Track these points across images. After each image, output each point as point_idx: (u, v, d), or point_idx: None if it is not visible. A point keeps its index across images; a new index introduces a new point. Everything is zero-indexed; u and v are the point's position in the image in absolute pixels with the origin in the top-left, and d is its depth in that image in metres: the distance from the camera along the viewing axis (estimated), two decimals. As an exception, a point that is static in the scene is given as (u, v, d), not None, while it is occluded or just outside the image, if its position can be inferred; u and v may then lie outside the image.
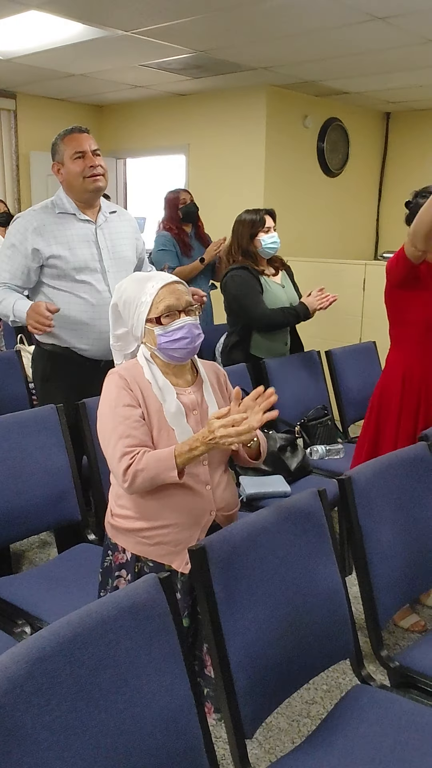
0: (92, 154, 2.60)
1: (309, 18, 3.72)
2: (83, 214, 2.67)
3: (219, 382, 1.95)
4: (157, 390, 1.80)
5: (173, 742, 1.27)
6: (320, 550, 1.72)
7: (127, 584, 1.83)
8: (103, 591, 1.93)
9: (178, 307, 1.79)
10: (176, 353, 1.80)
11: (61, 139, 2.62)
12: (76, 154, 2.59)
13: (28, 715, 1.09)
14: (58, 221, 2.63)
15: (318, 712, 2.28)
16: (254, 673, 1.49)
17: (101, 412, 1.81)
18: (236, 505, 1.93)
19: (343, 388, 3.69)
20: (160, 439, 1.77)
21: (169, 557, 1.80)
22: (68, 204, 2.65)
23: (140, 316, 1.81)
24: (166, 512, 1.78)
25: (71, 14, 3.76)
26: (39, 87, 5.82)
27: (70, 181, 2.62)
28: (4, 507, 2.25)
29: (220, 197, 5.60)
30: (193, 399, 1.85)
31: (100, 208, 2.72)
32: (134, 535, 1.82)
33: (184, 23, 3.85)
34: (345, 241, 6.55)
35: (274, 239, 3.34)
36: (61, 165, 2.63)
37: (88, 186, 2.61)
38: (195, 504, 1.79)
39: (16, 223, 2.67)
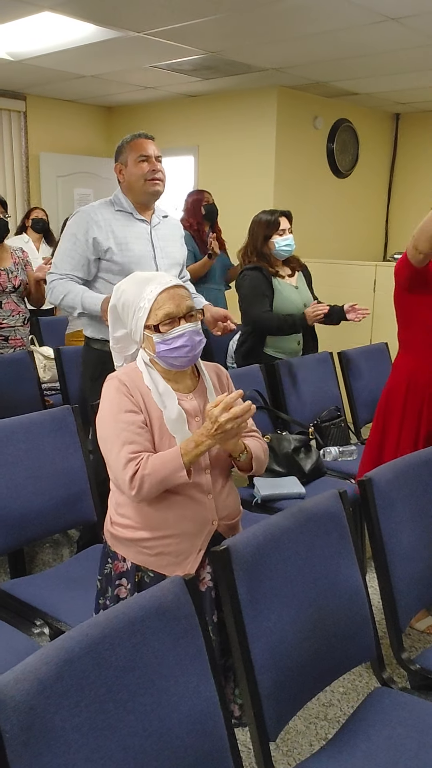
0: (155, 160, 2.70)
1: (322, 19, 3.71)
2: (139, 214, 2.76)
3: (221, 383, 1.89)
4: (158, 396, 1.74)
5: (200, 744, 1.27)
6: (342, 552, 1.72)
7: (128, 593, 1.79)
8: (102, 598, 1.87)
9: (177, 314, 1.71)
10: (176, 361, 1.74)
11: (128, 143, 2.73)
12: (141, 158, 2.68)
13: (58, 716, 1.09)
14: (117, 217, 2.72)
15: (335, 715, 2.27)
16: (278, 675, 1.48)
17: (102, 418, 1.74)
18: (239, 513, 1.87)
19: (355, 390, 3.68)
20: (162, 446, 1.72)
21: (170, 568, 1.74)
22: (126, 203, 2.75)
23: (138, 321, 1.74)
24: (168, 522, 1.73)
25: (85, 15, 3.76)
26: (49, 88, 5.83)
27: (132, 183, 2.71)
28: (22, 508, 2.25)
29: (229, 198, 5.59)
30: (195, 405, 1.79)
31: (154, 211, 2.82)
32: (135, 545, 1.76)
33: (196, 24, 3.85)
34: (354, 242, 6.54)
35: (288, 242, 3.34)
36: (123, 167, 2.73)
37: (149, 188, 2.70)
38: (197, 513, 1.74)
39: (76, 216, 2.75)
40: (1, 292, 3.48)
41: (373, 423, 2.80)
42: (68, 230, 2.75)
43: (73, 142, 6.51)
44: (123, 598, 1.80)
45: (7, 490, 2.23)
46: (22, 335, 3.60)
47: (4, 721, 1.03)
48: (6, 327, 3.52)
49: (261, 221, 3.35)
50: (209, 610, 1.77)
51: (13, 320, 3.55)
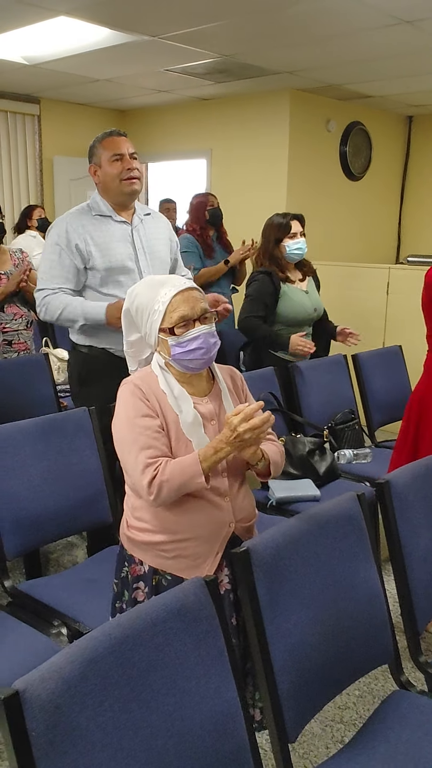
0: (129, 158, 2.63)
1: (335, 22, 3.72)
2: (119, 215, 2.69)
3: (236, 386, 1.88)
4: (173, 400, 1.73)
5: (221, 745, 1.28)
6: (360, 554, 1.72)
7: (145, 596, 1.79)
8: (119, 602, 1.87)
9: (192, 316, 1.70)
10: (191, 363, 1.73)
11: (100, 142, 2.65)
12: (114, 157, 2.61)
13: (83, 715, 1.10)
14: (95, 223, 2.64)
15: (351, 718, 2.27)
16: (297, 676, 1.48)
17: (118, 423, 1.74)
18: (254, 515, 1.87)
19: (369, 392, 3.68)
20: (179, 450, 1.71)
21: (188, 571, 1.73)
22: (104, 206, 2.67)
23: (153, 324, 1.73)
24: (185, 525, 1.72)
25: (100, 20, 3.79)
26: (63, 92, 5.86)
27: (107, 183, 2.64)
28: (39, 509, 2.26)
29: (242, 202, 5.61)
30: (210, 408, 1.78)
31: (134, 211, 2.74)
32: (152, 549, 1.76)
33: (210, 28, 3.86)
34: (367, 245, 6.54)
35: (299, 245, 3.34)
36: (98, 167, 2.65)
37: (125, 188, 2.63)
38: (215, 516, 1.74)
39: (54, 227, 2.68)
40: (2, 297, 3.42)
41: (403, 425, 2.77)
42: (50, 242, 2.64)
43: (86, 146, 6.45)
44: (140, 602, 1.79)
45: (24, 491, 2.25)
46: (25, 339, 3.55)
47: (31, 719, 1.04)
48: (9, 331, 3.47)
49: (273, 224, 3.35)
50: (228, 613, 1.76)
51: (16, 324, 3.50)
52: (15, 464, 2.25)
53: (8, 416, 2.74)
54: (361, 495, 1.79)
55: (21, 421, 2.36)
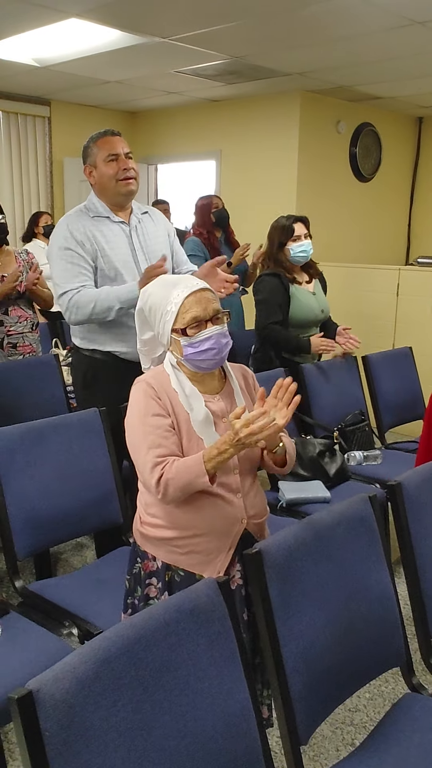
0: (125, 157, 2.60)
1: (347, 24, 3.72)
2: (116, 216, 2.66)
3: (247, 385, 1.90)
4: (184, 398, 1.75)
5: (233, 746, 1.27)
6: (372, 556, 1.71)
7: (157, 592, 1.80)
8: (131, 598, 1.89)
9: (205, 317, 1.72)
10: (203, 363, 1.75)
11: (94, 142, 2.62)
12: (110, 157, 2.58)
13: (97, 715, 1.10)
14: (94, 224, 2.62)
15: (361, 720, 2.27)
16: (309, 678, 1.48)
17: (130, 421, 1.76)
18: (266, 512, 1.88)
19: (380, 394, 3.67)
20: (190, 448, 1.73)
21: (200, 566, 1.75)
22: (101, 207, 2.64)
23: (166, 325, 1.75)
24: (198, 521, 1.74)
25: (111, 22, 3.80)
26: (73, 94, 5.88)
27: (103, 184, 2.61)
28: (50, 509, 2.27)
29: (251, 203, 5.61)
30: (222, 406, 1.79)
31: (131, 210, 2.71)
32: (165, 544, 1.77)
33: (221, 29, 3.87)
34: (377, 246, 6.53)
35: (303, 248, 3.33)
36: (93, 168, 2.62)
37: (121, 189, 2.60)
38: (227, 512, 1.75)
39: (57, 231, 2.63)
40: (7, 299, 3.40)
41: (425, 426, 2.73)
42: (56, 246, 2.59)
43: None
44: (153, 597, 1.82)
45: (34, 492, 2.26)
46: (31, 341, 3.52)
47: (45, 719, 1.04)
48: (14, 334, 3.44)
49: (277, 228, 3.35)
50: (239, 608, 1.78)
51: (21, 326, 3.47)
52: (26, 465, 2.26)
53: (19, 417, 2.75)
54: (373, 497, 1.79)
55: (32, 422, 2.37)
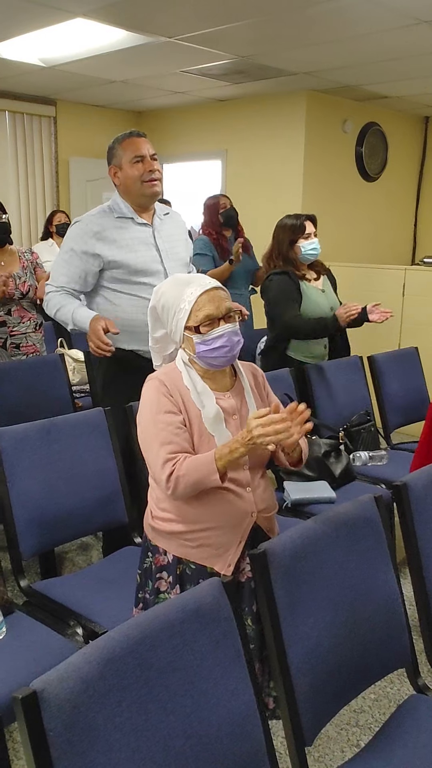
0: (150, 159, 2.61)
1: (353, 23, 3.71)
2: (140, 217, 2.68)
3: (257, 383, 1.93)
4: (196, 395, 1.78)
5: (238, 747, 1.27)
6: (377, 557, 1.71)
7: (168, 585, 1.83)
8: (141, 592, 1.92)
9: (217, 315, 1.75)
10: (215, 361, 1.78)
11: (119, 143, 2.63)
12: (135, 159, 2.60)
13: (101, 715, 1.09)
14: (118, 225, 2.64)
15: (367, 721, 2.26)
16: (315, 679, 1.47)
17: (142, 418, 1.79)
18: (275, 506, 1.92)
19: (385, 394, 3.66)
20: (201, 445, 1.76)
21: (211, 560, 1.79)
22: (125, 208, 2.66)
23: (179, 323, 1.78)
24: (209, 515, 1.77)
25: (117, 21, 3.79)
26: (79, 94, 5.88)
27: (128, 185, 2.63)
28: (56, 509, 2.27)
29: (257, 203, 5.60)
30: (232, 404, 1.82)
31: (154, 212, 2.73)
32: (176, 538, 1.81)
33: (226, 29, 3.86)
34: (383, 246, 6.51)
35: (314, 245, 3.32)
36: (118, 169, 2.64)
37: (146, 190, 2.62)
38: (237, 506, 1.78)
39: (74, 227, 2.66)
40: (10, 300, 3.40)
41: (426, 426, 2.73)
42: (67, 243, 2.65)
43: (102, 147, 6.47)
44: (163, 591, 1.84)
45: (39, 491, 2.26)
46: (34, 341, 3.52)
47: (49, 719, 1.04)
48: (17, 334, 3.44)
49: (286, 225, 3.33)
50: (248, 601, 1.82)
51: (24, 327, 3.47)
52: (31, 464, 2.26)
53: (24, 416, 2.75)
54: (379, 497, 1.78)
55: (37, 422, 2.37)
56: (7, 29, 4.02)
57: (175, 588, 1.81)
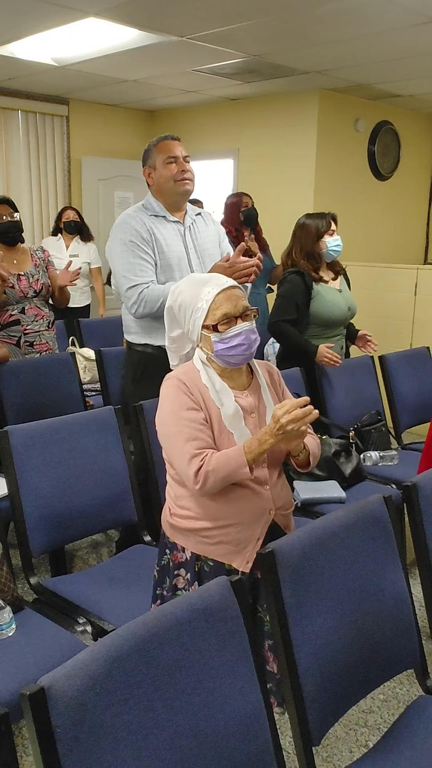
0: (183, 160, 2.72)
1: (366, 21, 3.70)
2: (172, 216, 2.77)
3: (273, 381, 1.95)
4: (215, 394, 1.80)
5: (245, 746, 1.27)
6: (387, 557, 1.70)
7: (186, 583, 1.85)
8: (159, 589, 1.95)
9: (235, 313, 1.78)
10: (233, 359, 1.80)
11: (155, 145, 2.75)
12: (169, 159, 2.70)
13: (108, 713, 1.10)
14: (152, 221, 2.73)
15: (375, 722, 2.25)
16: (322, 678, 1.47)
17: (163, 417, 1.81)
18: (292, 504, 1.95)
19: (397, 394, 3.65)
20: (221, 442, 1.78)
21: (229, 556, 1.81)
22: (158, 207, 2.76)
23: (196, 322, 1.80)
24: (228, 512, 1.79)
25: (129, 21, 3.80)
26: (91, 93, 5.90)
27: (161, 185, 2.72)
28: (66, 507, 2.28)
29: (269, 201, 5.59)
30: (250, 402, 1.85)
31: (186, 211, 2.82)
32: (195, 535, 1.82)
33: (239, 28, 3.86)
34: (395, 245, 6.48)
35: (338, 242, 3.34)
36: (152, 170, 2.75)
37: (178, 189, 2.71)
38: (256, 503, 1.80)
39: (119, 226, 2.71)
40: (23, 298, 3.41)
41: None
42: (119, 241, 2.67)
43: (114, 146, 6.58)
44: (180, 588, 1.86)
45: (50, 489, 2.27)
46: (47, 339, 3.53)
47: (56, 716, 1.04)
48: (30, 332, 3.44)
49: (312, 223, 3.32)
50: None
51: (37, 325, 3.47)
52: (41, 462, 2.27)
53: (35, 414, 2.77)
54: (388, 497, 1.77)
55: (48, 420, 2.39)
56: (20, 29, 4.03)
57: (193, 585, 1.84)
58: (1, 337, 3.39)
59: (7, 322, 3.39)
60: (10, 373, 3.27)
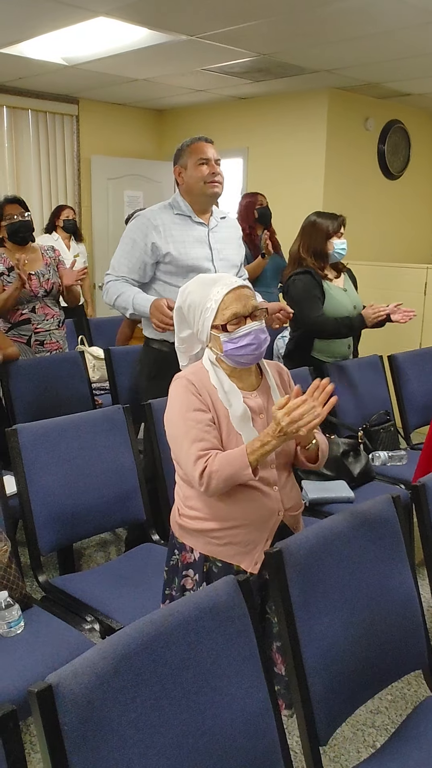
0: (215, 163, 2.74)
1: (376, 20, 3.68)
2: (197, 217, 2.79)
3: (283, 381, 1.94)
4: (223, 394, 1.79)
5: (253, 745, 1.27)
6: (394, 557, 1.70)
7: (194, 583, 1.84)
8: (168, 589, 1.94)
9: (244, 313, 1.77)
10: (243, 359, 1.79)
11: (188, 146, 2.77)
12: (200, 161, 2.72)
13: (115, 711, 1.10)
14: (176, 221, 2.76)
15: (383, 722, 2.25)
16: (329, 679, 1.47)
17: (171, 416, 1.80)
18: (301, 505, 1.93)
19: (406, 394, 3.64)
20: (229, 443, 1.77)
21: (238, 557, 1.80)
22: (184, 206, 2.78)
23: (205, 322, 1.79)
24: (236, 513, 1.78)
25: (138, 20, 3.80)
26: (101, 92, 5.91)
27: (191, 185, 2.75)
28: (74, 505, 2.29)
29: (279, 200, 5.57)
30: (259, 403, 1.83)
31: (212, 213, 2.84)
32: (203, 536, 1.82)
33: (248, 27, 3.85)
34: (405, 245, 6.46)
35: (344, 246, 3.33)
36: (183, 170, 2.77)
37: (207, 190, 2.73)
38: (264, 504, 1.79)
39: (136, 220, 2.79)
40: (34, 297, 3.42)
41: None
42: (128, 234, 2.79)
43: (123, 145, 6.59)
44: (189, 589, 1.85)
45: (59, 488, 2.28)
46: (57, 338, 3.54)
47: (64, 713, 1.05)
48: (41, 331, 3.45)
49: (323, 222, 3.31)
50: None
51: (48, 324, 3.48)
52: (50, 461, 2.28)
53: (44, 413, 2.78)
54: (397, 497, 1.77)
55: (56, 418, 2.40)
56: (30, 28, 4.05)
57: (201, 585, 1.82)
58: (12, 335, 3.40)
59: (18, 321, 3.41)
60: (20, 372, 3.28)
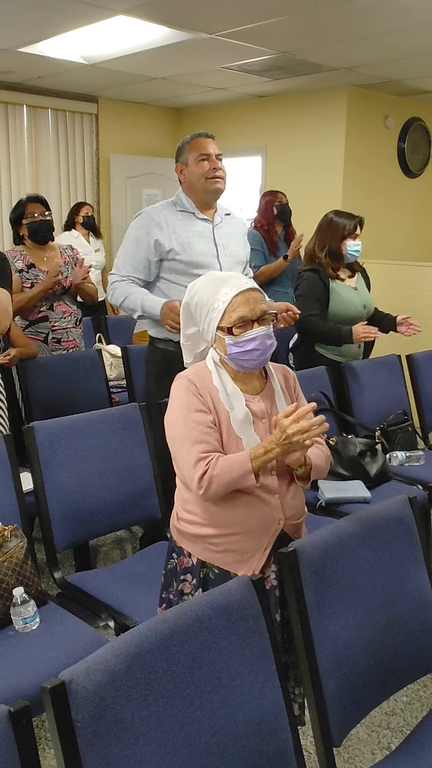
0: (215, 158, 2.72)
1: (395, 17, 3.66)
2: (201, 213, 2.77)
3: (288, 385, 1.89)
4: (225, 397, 1.74)
5: (265, 745, 1.27)
6: (410, 558, 1.69)
7: (192, 588, 1.81)
8: (166, 592, 1.90)
9: (251, 317, 1.72)
10: (246, 363, 1.75)
11: (188, 143, 2.76)
12: (201, 156, 2.71)
13: (128, 709, 1.10)
14: (179, 218, 2.74)
15: (398, 724, 2.23)
16: (344, 680, 1.46)
17: (171, 417, 1.77)
18: (304, 513, 1.87)
19: (424, 394, 3.61)
20: (230, 446, 1.73)
21: (235, 565, 1.75)
22: (188, 203, 2.77)
23: (212, 322, 1.75)
24: (235, 520, 1.73)
25: (158, 18, 3.81)
26: (120, 91, 5.93)
27: (193, 182, 2.73)
28: (90, 502, 2.29)
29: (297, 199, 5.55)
30: (262, 407, 1.78)
31: (216, 209, 2.83)
32: (201, 541, 1.78)
33: (268, 24, 3.84)
34: (423, 243, 6.41)
35: (358, 247, 3.31)
36: (184, 166, 2.76)
37: (209, 187, 2.71)
38: (264, 512, 1.74)
39: (139, 218, 2.78)
40: (52, 295, 3.43)
41: None
42: (130, 232, 2.77)
43: (142, 144, 6.61)
44: (186, 593, 1.83)
45: (75, 485, 2.28)
46: (74, 336, 3.55)
47: (77, 710, 1.05)
48: (58, 329, 3.47)
49: (339, 222, 3.30)
50: (273, 609, 1.77)
51: (65, 322, 3.49)
52: (66, 458, 2.29)
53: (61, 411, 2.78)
54: (413, 498, 1.76)
55: (73, 416, 2.40)
56: (50, 27, 4.06)
57: (198, 590, 1.79)
58: (29, 333, 3.42)
59: (36, 318, 3.43)
60: (37, 370, 3.30)
